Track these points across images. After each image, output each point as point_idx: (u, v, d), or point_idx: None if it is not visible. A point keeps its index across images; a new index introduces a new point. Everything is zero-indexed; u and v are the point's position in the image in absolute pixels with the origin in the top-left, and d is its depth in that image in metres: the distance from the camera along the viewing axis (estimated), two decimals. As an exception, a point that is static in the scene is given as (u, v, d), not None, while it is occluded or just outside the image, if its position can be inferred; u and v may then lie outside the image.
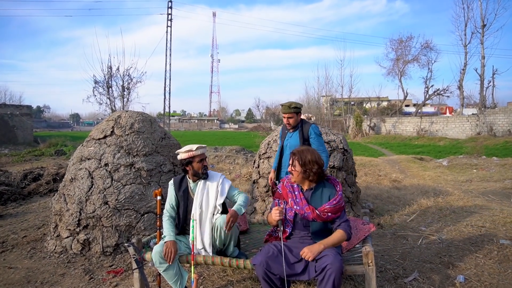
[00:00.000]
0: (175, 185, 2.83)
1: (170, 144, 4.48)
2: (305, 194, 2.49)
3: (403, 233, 4.26)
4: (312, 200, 2.45)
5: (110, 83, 18.62)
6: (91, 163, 4.01)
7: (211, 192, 2.82)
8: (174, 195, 2.82)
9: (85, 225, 3.83)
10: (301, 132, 3.63)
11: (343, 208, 2.41)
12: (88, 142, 4.25)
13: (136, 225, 3.87)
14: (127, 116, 4.32)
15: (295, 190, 2.52)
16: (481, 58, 26.79)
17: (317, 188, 2.47)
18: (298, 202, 2.47)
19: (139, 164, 4.03)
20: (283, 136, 3.77)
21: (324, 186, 2.48)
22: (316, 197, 2.45)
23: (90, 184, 3.91)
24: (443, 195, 5.93)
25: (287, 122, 3.60)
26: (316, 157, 2.42)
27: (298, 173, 2.44)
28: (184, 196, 2.81)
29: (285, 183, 2.58)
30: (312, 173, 2.41)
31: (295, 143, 3.60)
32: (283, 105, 3.62)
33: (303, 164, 2.41)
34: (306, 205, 2.43)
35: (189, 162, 2.78)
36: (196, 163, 2.80)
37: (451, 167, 9.71)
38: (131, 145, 4.09)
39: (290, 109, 3.56)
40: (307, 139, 3.61)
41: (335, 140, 4.67)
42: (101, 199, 3.82)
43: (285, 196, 2.57)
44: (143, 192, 3.97)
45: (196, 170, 2.80)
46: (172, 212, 2.82)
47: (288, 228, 2.55)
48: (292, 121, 3.60)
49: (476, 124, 24.64)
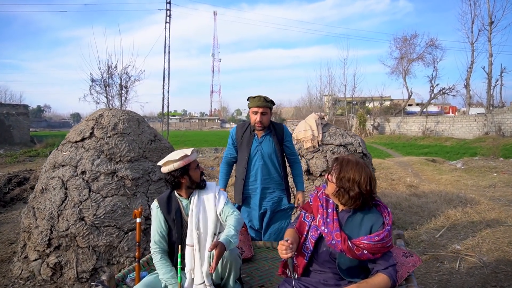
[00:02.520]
0: (163, 207, 2.17)
1: (161, 148, 3.84)
2: (340, 215, 1.86)
3: (434, 252, 3.61)
4: (346, 226, 1.82)
5: (107, 81, 18.07)
6: (65, 171, 3.37)
7: (209, 207, 2.19)
8: (163, 221, 2.16)
9: (56, 246, 3.19)
10: (274, 135, 2.89)
11: (389, 248, 1.75)
12: (64, 146, 3.61)
13: (118, 245, 3.23)
14: (110, 115, 3.69)
15: (329, 207, 1.89)
16: (489, 56, 26.09)
17: (357, 212, 1.84)
18: (329, 223, 1.84)
19: (123, 172, 3.39)
20: (244, 141, 2.90)
21: (368, 212, 1.82)
22: (354, 223, 1.82)
23: (63, 196, 3.27)
24: (470, 204, 5.28)
25: (259, 120, 2.77)
26: (361, 179, 1.75)
27: (332, 187, 1.82)
28: (177, 220, 2.16)
29: (319, 194, 1.96)
30: (347, 195, 1.77)
31: (269, 150, 2.86)
32: (257, 96, 2.81)
33: (339, 179, 1.77)
34: (338, 230, 1.79)
35: (185, 172, 2.13)
36: (193, 171, 2.17)
37: (468, 170, 9.05)
38: (113, 149, 3.45)
39: (266, 103, 2.78)
40: (281, 143, 2.92)
41: (353, 143, 4.02)
42: (76, 214, 3.18)
43: (315, 210, 1.94)
44: (127, 205, 3.33)
45: (195, 180, 2.17)
46: (163, 244, 2.16)
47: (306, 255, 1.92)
48: (266, 119, 2.81)
49: (483, 123, 23.94)
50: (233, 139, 3.01)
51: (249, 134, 2.91)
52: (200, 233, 2.12)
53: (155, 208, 2.17)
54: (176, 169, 2.09)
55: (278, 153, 2.88)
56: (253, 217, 2.94)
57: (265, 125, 2.85)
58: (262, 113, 2.78)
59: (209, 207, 2.17)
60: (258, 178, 2.86)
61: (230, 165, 3.11)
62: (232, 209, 2.20)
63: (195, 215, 2.13)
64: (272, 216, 2.90)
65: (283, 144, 2.94)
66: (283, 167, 2.95)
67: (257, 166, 2.86)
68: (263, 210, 2.89)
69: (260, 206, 2.88)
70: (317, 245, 1.93)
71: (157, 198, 2.22)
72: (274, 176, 2.88)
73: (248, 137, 2.90)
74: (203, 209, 2.16)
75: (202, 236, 2.12)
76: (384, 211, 1.81)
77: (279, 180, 2.91)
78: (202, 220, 2.13)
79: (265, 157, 2.86)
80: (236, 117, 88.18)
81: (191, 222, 2.13)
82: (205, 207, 2.19)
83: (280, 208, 2.91)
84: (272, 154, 2.87)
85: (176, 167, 2.09)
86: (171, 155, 2.14)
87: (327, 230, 1.84)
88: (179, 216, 2.16)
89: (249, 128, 2.93)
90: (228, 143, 3.06)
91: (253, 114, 2.82)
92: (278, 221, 2.91)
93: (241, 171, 2.93)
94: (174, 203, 2.17)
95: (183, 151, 2.15)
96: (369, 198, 1.79)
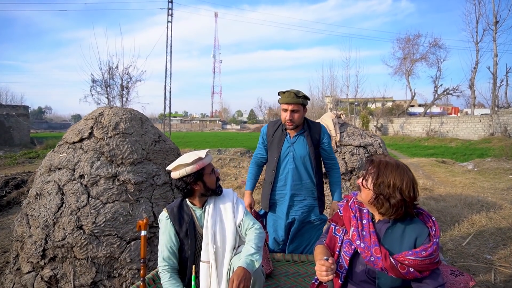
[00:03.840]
0: (173, 218, 1.87)
1: (165, 149, 3.55)
2: (377, 226, 1.59)
3: (464, 262, 3.31)
4: (386, 239, 1.55)
5: (108, 82, 17.84)
6: (61, 174, 3.08)
7: (227, 218, 1.91)
8: (173, 234, 1.86)
9: (51, 257, 2.89)
10: (308, 135, 2.56)
11: (437, 265, 1.48)
12: (60, 147, 3.32)
13: (119, 256, 2.93)
14: (111, 114, 3.39)
15: (364, 217, 1.62)
16: (494, 56, 25.79)
17: (397, 223, 1.56)
18: (365, 236, 1.57)
19: (125, 176, 3.09)
20: (275, 140, 2.59)
21: (411, 222, 1.55)
22: (394, 235, 1.55)
23: (59, 202, 2.97)
24: (493, 208, 4.97)
25: (290, 118, 2.47)
26: (403, 184, 1.49)
27: (368, 194, 1.55)
28: (191, 233, 1.86)
29: (350, 203, 1.69)
30: (387, 203, 1.50)
31: (302, 152, 2.53)
32: (287, 92, 2.48)
33: (377, 184, 1.51)
34: (376, 245, 1.53)
35: (199, 177, 1.85)
36: (208, 176, 1.89)
37: (482, 172, 8.74)
38: (114, 151, 3.16)
39: (297, 99, 2.44)
40: (317, 145, 2.58)
41: (373, 143, 3.72)
42: (74, 222, 2.89)
43: (346, 222, 1.67)
44: (129, 212, 3.04)
45: (210, 186, 1.89)
46: (173, 261, 1.86)
47: (341, 274, 1.64)
48: (297, 117, 2.48)
49: (489, 124, 23.64)
50: (264, 137, 2.70)
51: (281, 133, 2.58)
52: (217, 247, 1.83)
53: (164, 219, 1.87)
54: (188, 174, 1.80)
55: (312, 156, 2.53)
56: (278, 227, 2.62)
57: (296, 124, 2.52)
58: (292, 111, 2.46)
59: (227, 218, 1.88)
60: (288, 183, 2.53)
61: (259, 166, 2.82)
62: (252, 222, 1.91)
63: (211, 227, 1.84)
64: (300, 227, 2.58)
65: (320, 146, 2.60)
66: (317, 173, 2.59)
67: (287, 169, 2.53)
68: (291, 219, 2.56)
69: (288, 215, 2.55)
70: (351, 262, 1.65)
71: (167, 207, 1.92)
72: (306, 182, 2.55)
73: (280, 136, 2.58)
74: (219, 220, 1.87)
75: (220, 251, 1.83)
76: (428, 220, 1.55)
77: (311, 187, 2.56)
78: (219, 233, 1.84)
79: (297, 159, 2.52)
80: (237, 118, 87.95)
81: (206, 235, 1.84)
82: (222, 217, 1.90)
83: (310, 219, 2.58)
84: (305, 157, 2.53)
85: (188, 171, 1.80)
86: (182, 158, 1.85)
87: (364, 245, 1.56)
88: (193, 228, 1.87)
89: (281, 127, 2.60)
90: (259, 141, 2.76)
91: (283, 111, 2.51)
92: (306, 233, 2.60)
93: (270, 173, 2.61)
94: (186, 213, 1.88)
95: (196, 154, 1.85)
96: (411, 206, 1.53)
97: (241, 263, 1.68)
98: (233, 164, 11.23)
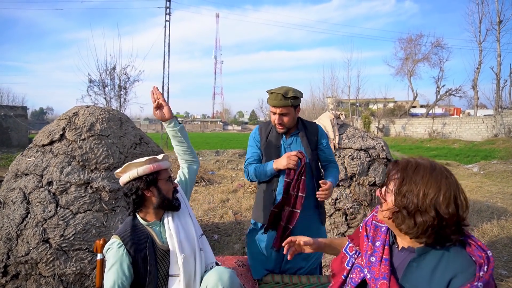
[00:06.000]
0: (128, 245, 1.53)
1: (147, 152, 3.23)
2: (398, 255, 1.19)
3: (476, 279, 2.97)
4: (407, 276, 1.13)
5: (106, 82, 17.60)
6: (28, 181, 2.77)
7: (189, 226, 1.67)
8: (127, 266, 1.51)
9: (14, 274, 2.58)
10: (304, 136, 2.26)
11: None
12: (29, 150, 3.01)
13: (91, 273, 2.62)
14: (86, 114, 3.08)
15: (378, 238, 1.24)
16: (497, 56, 25.42)
17: (427, 253, 1.12)
18: (373, 264, 1.20)
19: (99, 182, 2.78)
20: (270, 143, 2.31)
21: (449, 253, 1.08)
22: (420, 271, 1.10)
23: (24, 213, 2.66)
24: (504, 216, 4.64)
25: (279, 122, 2.19)
26: (441, 194, 1.05)
27: (388, 208, 1.15)
28: (151, 258, 1.55)
29: (367, 219, 1.34)
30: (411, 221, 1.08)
31: None
32: (274, 92, 2.18)
33: (401, 193, 1.10)
34: (385, 278, 1.14)
35: (153, 182, 1.58)
36: (164, 182, 1.62)
37: (489, 175, 8.39)
38: (88, 155, 2.85)
39: (285, 100, 2.14)
40: (315, 147, 2.29)
41: (375, 146, 3.40)
42: (39, 235, 2.57)
43: (361, 242, 1.32)
44: (103, 223, 2.73)
45: (165, 194, 1.61)
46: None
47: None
48: (287, 120, 2.20)
49: (492, 125, 23.26)
50: (256, 140, 2.39)
51: (276, 134, 2.31)
52: (185, 256, 1.54)
53: (115, 248, 1.53)
54: (140, 176, 1.50)
55: (310, 158, 2.22)
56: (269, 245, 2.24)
57: (288, 127, 2.24)
58: (281, 114, 2.17)
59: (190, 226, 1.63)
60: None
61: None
62: None
63: (176, 234, 1.56)
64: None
65: (318, 148, 2.30)
66: (316, 178, 2.26)
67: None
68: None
69: None
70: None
71: (116, 233, 1.60)
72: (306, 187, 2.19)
73: (275, 137, 2.30)
74: (182, 227, 1.59)
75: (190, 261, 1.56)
76: (477, 253, 1.06)
77: (310, 193, 2.20)
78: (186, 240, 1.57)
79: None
80: (238, 119, 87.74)
81: (172, 244, 1.54)
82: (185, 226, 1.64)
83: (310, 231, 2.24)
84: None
85: (140, 173, 1.50)
86: (139, 159, 1.56)
87: (370, 276, 1.21)
88: (153, 251, 1.55)
89: (274, 128, 2.33)
90: (250, 146, 2.42)
91: (272, 114, 2.24)
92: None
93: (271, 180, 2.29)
94: (142, 234, 1.57)
95: (153, 157, 1.56)
96: (453, 229, 1.07)
97: None
98: (230, 166, 10.92)
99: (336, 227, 3.12)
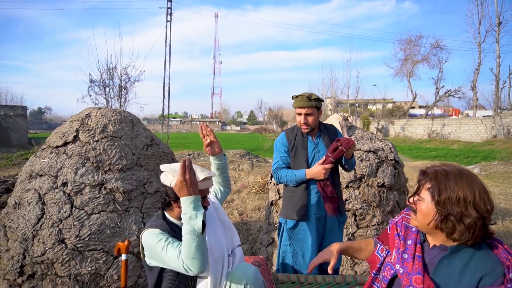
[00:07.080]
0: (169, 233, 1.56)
1: (158, 154, 3.27)
2: (429, 253, 1.25)
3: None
4: (438, 272, 1.20)
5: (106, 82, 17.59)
6: (42, 182, 2.80)
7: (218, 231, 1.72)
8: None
9: (30, 274, 2.61)
10: (326, 136, 2.51)
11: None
12: (43, 151, 3.04)
13: (106, 273, 2.65)
14: (98, 115, 3.12)
15: (409, 237, 1.31)
16: (497, 57, 25.56)
17: (458, 252, 1.18)
18: (406, 260, 1.27)
19: (113, 183, 2.81)
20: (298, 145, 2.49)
21: (479, 253, 1.16)
22: (451, 269, 1.17)
23: (39, 213, 2.69)
24: (508, 217, 4.70)
25: (304, 122, 2.41)
26: (476, 195, 1.12)
27: (428, 217, 1.19)
28: None
29: (397, 220, 1.40)
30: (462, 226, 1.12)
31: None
32: (299, 95, 2.44)
33: (442, 203, 1.15)
34: (419, 273, 1.21)
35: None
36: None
37: (490, 176, 8.47)
38: (101, 156, 2.88)
39: (310, 102, 2.39)
40: None
41: (383, 148, 3.45)
42: (55, 235, 2.61)
43: (391, 242, 1.39)
44: (117, 223, 2.76)
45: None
46: None
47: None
48: (311, 120, 2.42)
49: (491, 126, 23.38)
50: (284, 144, 2.56)
51: (302, 137, 2.51)
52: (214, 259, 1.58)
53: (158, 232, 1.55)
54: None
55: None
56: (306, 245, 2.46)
57: (312, 127, 2.45)
58: (306, 114, 2.40)
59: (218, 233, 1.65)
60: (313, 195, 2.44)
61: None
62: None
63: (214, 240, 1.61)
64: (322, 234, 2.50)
65: None
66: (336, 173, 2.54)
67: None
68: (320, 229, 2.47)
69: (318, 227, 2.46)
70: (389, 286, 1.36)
71: (154, 226, 1.62)
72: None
73: (301, 140, 2.51)
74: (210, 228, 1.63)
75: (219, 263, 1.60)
76: (504, 255, 1.14)
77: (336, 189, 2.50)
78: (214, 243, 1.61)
79: None
80: (236, 119, 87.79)
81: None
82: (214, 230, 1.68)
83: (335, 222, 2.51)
84: None
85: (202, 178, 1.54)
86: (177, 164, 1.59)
87: (403, 271, 1.26)
88: None
89: (299, 131, 2.54)
90: (278, 150, 2.58)
91: (298, 115, 2.47)
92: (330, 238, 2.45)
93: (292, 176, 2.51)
94: (176, 229, 1.61)
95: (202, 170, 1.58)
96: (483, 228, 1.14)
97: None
98: (232, 167, 10.95)
99: (345, 228, 3.16)
